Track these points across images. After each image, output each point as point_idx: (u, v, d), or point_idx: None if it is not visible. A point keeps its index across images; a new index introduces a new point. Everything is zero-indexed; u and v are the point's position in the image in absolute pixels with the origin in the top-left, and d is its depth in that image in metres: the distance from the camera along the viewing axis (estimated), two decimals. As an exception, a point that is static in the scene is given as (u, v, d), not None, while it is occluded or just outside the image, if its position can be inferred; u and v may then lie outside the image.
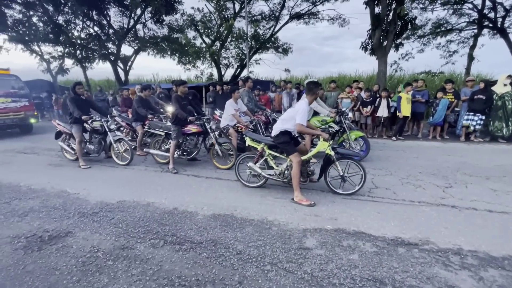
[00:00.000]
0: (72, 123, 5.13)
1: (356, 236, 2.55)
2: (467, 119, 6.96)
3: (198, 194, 3.70)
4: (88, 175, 4.71)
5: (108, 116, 5.59)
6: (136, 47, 16.08)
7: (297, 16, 15.34)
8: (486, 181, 4.05)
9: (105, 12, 14.77)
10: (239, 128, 5.40)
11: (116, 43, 15.55)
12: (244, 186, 3.90)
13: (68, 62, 16.20)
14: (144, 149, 5.51)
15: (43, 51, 15.66)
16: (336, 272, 2.04)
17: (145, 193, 3.72)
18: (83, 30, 15.47)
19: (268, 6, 15.24)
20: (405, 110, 7.13)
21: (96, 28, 15.40)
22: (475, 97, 6.84)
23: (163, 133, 5.12)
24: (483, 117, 6.88)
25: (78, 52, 15.25)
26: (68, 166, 5.28)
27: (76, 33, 15.17)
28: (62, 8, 13.93)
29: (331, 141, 3.44)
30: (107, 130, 5.24)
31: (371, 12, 10.99)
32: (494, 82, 7.40)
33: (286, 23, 15.64)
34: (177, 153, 4.95)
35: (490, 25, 11.17)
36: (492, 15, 10.90)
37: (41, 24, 14.43)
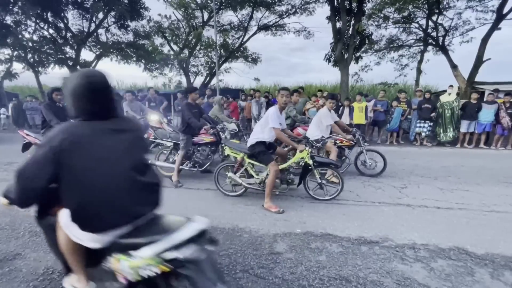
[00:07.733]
0: (45, 133, 4.66)
1: (323, 238, 2.66)
2: (419, 127, 7.74)
3: (166, 205, 3.56)
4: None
5: None
6: (98, 53, 15.18)
7: (265, 28, 15.87)
8: (435, 181, 4.53)
9: (62, 14, 13.77)
10: (337, 142, 4.75)
11: (75, 47, 14.54)
12: (224, 195, 3.81)
13: (18, 66, 14.70)
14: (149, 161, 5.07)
15: (-16, 54, 14.02)
16: (306, 274, 2.11)
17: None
18: (36, 32, 14.22)
19: (237, 16, 15.58)
20: (357, 118, 7.72)
21: (51, 31, 14.26)
22: (423, 106, 7.65)
23: (171, 143, 4.74)
24: (431, 124, 7.74)
25: (30, 55, 13.94)
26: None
27: (27, 35, 13.88)
28: (10, 7, 12.69)
29: (310, 150, 3.56)
30: None
31: (333, 27, 11.83)
32: (439, 93, 8.36)
33: (255, 33, 16.09)
34: (186, 165, 4.60)
35: (433, 42, 12.67)
36: (434, 34, 12.40)
37: (-16, 24, 12.96)
